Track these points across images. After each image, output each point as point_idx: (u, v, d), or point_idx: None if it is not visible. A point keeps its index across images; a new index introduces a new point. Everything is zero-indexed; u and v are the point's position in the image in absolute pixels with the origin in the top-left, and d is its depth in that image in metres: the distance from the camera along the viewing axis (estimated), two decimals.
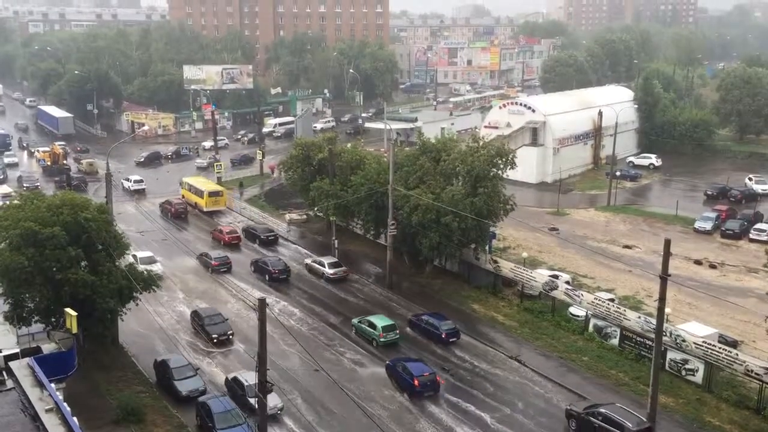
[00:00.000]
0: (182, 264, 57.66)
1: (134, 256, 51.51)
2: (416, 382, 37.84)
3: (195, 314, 46.26)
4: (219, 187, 74.95)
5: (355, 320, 45.99)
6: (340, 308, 49.53)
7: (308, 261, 57.45)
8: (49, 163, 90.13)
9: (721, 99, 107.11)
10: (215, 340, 43.69)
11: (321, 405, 37.35)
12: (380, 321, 44.47)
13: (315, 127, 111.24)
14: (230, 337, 44.26)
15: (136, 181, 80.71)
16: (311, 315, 48.50)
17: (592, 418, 33.91)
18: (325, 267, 54.85)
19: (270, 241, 63.16)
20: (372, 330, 44.11)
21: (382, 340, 43.43)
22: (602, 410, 33.84)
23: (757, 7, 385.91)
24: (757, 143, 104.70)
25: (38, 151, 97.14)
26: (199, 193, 72.94)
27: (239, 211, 72.86)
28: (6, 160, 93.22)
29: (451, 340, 43.84)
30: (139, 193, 78.96)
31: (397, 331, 44.14)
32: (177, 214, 70.08)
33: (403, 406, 37.42)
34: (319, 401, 37.67)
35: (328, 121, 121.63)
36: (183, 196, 74.61)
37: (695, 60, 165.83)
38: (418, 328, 45.43)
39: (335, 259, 56.28)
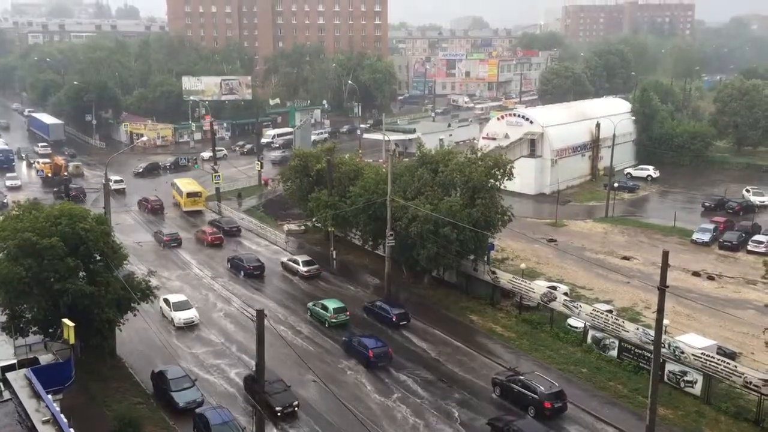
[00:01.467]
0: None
1: (166, 300, 48.06)
2: (371, 354, 41.93)
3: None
4: (198, 189, 78.23)
5: (310, 304, 50.22)
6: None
7: (284, 260, 60.16)
8: (49, 174, 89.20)
9: (719, 111, 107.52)
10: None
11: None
12: (332, 303, 48.71)
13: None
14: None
15: (116, 181, 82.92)
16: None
17: (512, 385, 38.57)
18: (299, 265, 57.73)
19: (233, 232, 68.21)
20: (324, 312, 48.27)
21: (333, 320, 47.53)
22: (521, 378, 38.50)
23: (754, 20, 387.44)
24: (755, 155, 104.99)
25: (38, 162, 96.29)
26: (180, 193, 77.69)
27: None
28: (8, 183, 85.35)
29: (401, 323, 47.74)
30: (119, 193, 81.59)
31: (347, 313, 48.22)
32: (153, 210, 75.88)
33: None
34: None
35: (321, 133, 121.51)
36: (174, 196, 79.44)
37: (693, 72, 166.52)
38: (372, 313, 49.31)
39: (309, 258, 59.07)
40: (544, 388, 37.34)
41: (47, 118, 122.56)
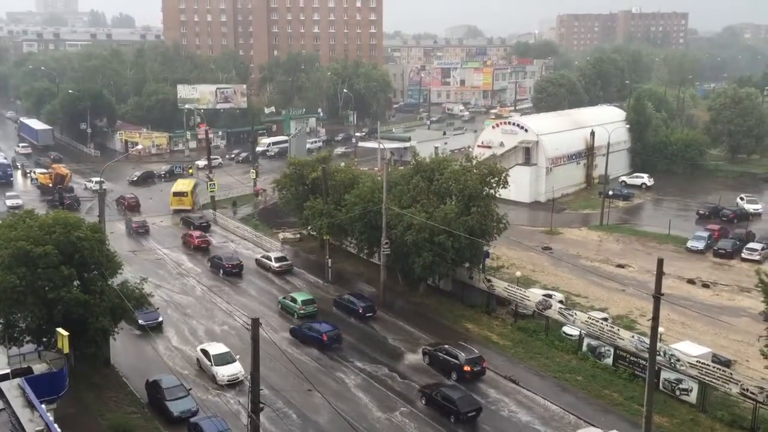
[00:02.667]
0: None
1: (205, 352, 41.92)
2: (325, 337, 45.29)
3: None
4: (186, 189, 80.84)
5: (280, 297, 53.22)
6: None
7: (258, 256, 62.68)
8: (50, 185, 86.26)
9: (713, 119, 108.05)
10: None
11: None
12: (301, 296, 51.81)
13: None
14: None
15: (97, 182, 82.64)
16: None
17: (438, 353, 42.94)
18: (271, 261, 60.36)
19: (203, 227, 71.34)
20: (293, 304, 51.12)
21: (301, 312, 50.27)
22: (445, 347, 43.24)
23: (747, 29, 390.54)
24: (749, 163, 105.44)
25: (33, 171, 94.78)
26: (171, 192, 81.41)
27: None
28: (9, 203, 77.87)
29: (367, 315, 50.34)
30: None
31: (315, 305, 51.10)
32: (130, 207, 79.67)
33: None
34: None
35: (315, 141, 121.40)
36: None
37: (686, 80, 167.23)
38: (341, 306, 52.04)
39: (281, 254, 62.11)
40: (465, 354, 41.69)
41: (36, 124, 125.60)
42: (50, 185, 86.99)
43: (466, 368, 41.09)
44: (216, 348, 42.62)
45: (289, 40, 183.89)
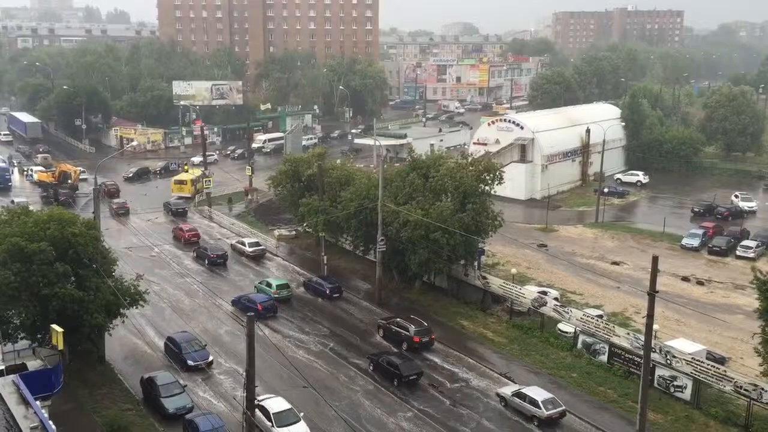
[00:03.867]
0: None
1: (263, 410, 34.91)
2: (260, 307, 48.80)
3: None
4: (185, 178, 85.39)
5: (257, 282, 55.23)
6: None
7: (233, 242, 65.77)
8: (54, 182, 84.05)
9: (707, 117, 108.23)
10: None
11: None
12: (276, 281, 54.24)
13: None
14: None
15: (81, 171, 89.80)
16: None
17: (390, 326, 46.46)
18: (245, 246, 63.69)
19: (179, 213, 75.89)
20: (268, 288, 53.09)
21: (275, 296, 51.89)
22: (396, 320, 46.79)
23: (742, 27, 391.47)
24: (743, 161, 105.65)
25: (30, 169, 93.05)
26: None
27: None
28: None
29: (334, 295, 53.43)
30: (82, 182, 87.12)
31: (290, 289, 53.57)
32: (110, 194, 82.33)
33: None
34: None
35: (311, 138, 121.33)
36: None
37: (681, 78, 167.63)
38: (310, 288, 55.04)
39: (255, 240, 65.28)
40: (414, 326, 45.28)
41: (25, 117, 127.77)
42: (54, 182, 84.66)
43: (416, 339, 44.87)
44: (276, 404, 35.93)
45: (285, 36, 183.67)
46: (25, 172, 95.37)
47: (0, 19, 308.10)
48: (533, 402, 37.05)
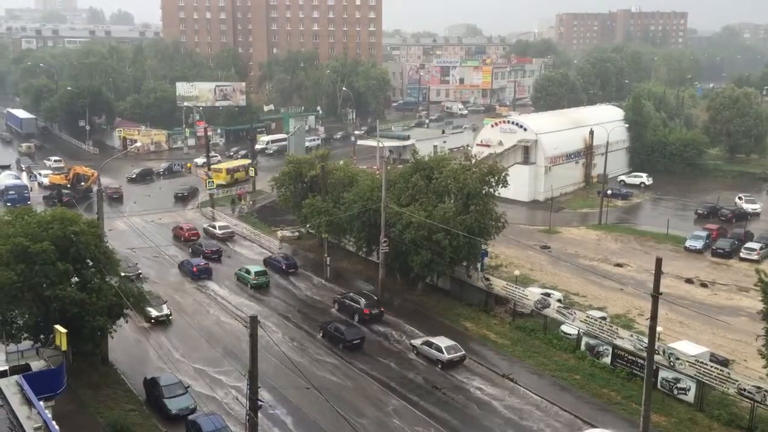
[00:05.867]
0: None
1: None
2: (195, 269, 57.51)
3: None
4: (222, 166, 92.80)
5: (236, 269, 58.74)
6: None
7: (205, 225, 71.38)
8: (67, 184, 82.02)
9: (711, 119, 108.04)
10: None
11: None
12: (254, 268, 57.79)
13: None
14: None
15: (56, 160, 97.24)
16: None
17: (344, 300, 51.43)
18: (216, 229, 69.62)
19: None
20: (247, 275, 56.91)
21: (253, 282, 56.26)
22: (350, 295, 51.87)
23: (746, 29, 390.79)
24: (747, 163, 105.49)
25: (39, 174, 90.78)
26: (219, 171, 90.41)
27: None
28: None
29: (290, 271, 59.21)
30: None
31: (268, 276, 57.31)
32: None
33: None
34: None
35: (314, 139, 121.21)
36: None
37: (685, 80, 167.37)
38: (270, 264, 60.60)
39: (224, 223, 71.36)
40: (365, 300, 50.24)
41: (21, 113, 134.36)
42: (67, 185, 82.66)
43: (365, 311, 49.52)
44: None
45: (289, 37, 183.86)
46: (33, 175, 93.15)
47: (4, 20, 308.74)
48: (438, 348, 43.66)
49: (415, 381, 41.88)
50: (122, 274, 45.08)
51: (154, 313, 48.82)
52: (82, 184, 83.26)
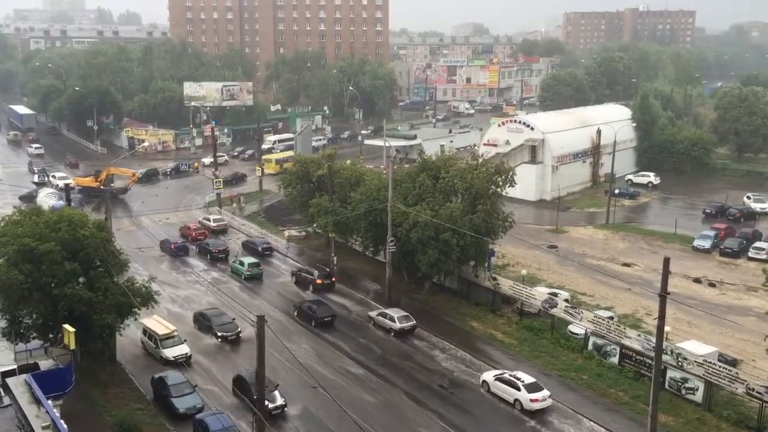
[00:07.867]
0: None
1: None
2: (173, 247, 63.64)
3: None
4: (272, 156, 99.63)
5: (231, 261, 61.07)
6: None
7: (200, 218, 73.68)
8: (99, 186, 78.37)
9: (719, 118, 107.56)
10: None
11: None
12: (248, 260, 59.85)
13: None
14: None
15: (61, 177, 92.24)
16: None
17: (300, 273, 57.09)
18: (210, 222, 71.92)
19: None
20: (241, 267, 58.86)
21: (247, 273, 58.19)
22: (305, 267, 57.70)
23: (755, 27, 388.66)
24: (756, 162, 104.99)
25: (53, 176, 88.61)
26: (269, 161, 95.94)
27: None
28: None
29: (266, 253, 63.91)
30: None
31: (261, 268, 59.31)
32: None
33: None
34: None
35: (321, 139, 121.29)
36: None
37: (693, 79, 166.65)
38: (247, 248, 64.77)
39: (219, 216, 73.75)
40: (318, 272, 56.01)
41: (21, 109, 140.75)
42: (99, 187, 79.08)
43: (318, 281, 55.08)
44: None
45: (295, 37, 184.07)
46: (44, 175, 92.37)
47: (13, 20, 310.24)
48: (391, 318, 47.86)
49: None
50: (219, 334, 46.43)
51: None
52: (112, 184, 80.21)
